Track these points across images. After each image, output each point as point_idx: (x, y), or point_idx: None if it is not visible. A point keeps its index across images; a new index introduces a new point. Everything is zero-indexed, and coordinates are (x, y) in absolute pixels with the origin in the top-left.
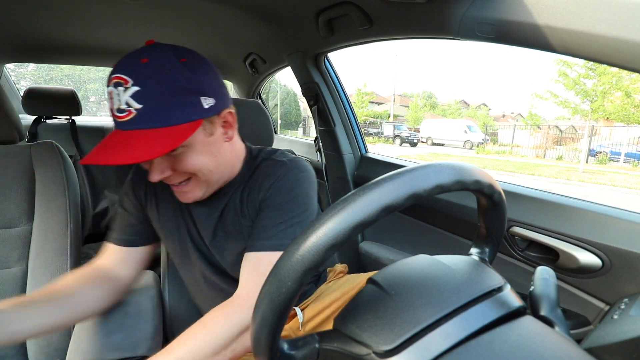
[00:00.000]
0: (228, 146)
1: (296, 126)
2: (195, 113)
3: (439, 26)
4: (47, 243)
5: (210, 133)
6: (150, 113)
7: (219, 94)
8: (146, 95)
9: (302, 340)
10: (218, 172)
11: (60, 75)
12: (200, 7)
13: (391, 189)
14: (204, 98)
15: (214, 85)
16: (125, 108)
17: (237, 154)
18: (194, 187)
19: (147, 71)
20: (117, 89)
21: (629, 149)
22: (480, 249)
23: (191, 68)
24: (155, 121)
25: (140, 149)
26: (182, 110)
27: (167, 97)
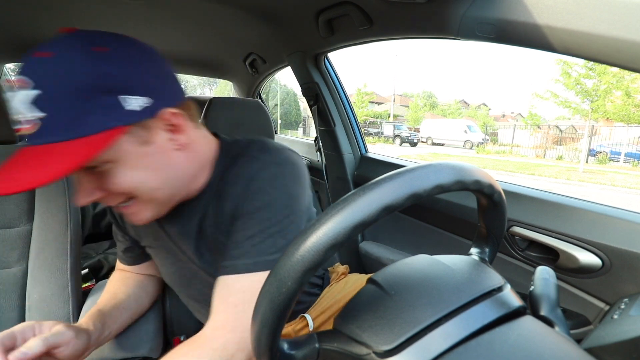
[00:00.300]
0: (181, 155)
1: (296, 126)
2: (115, 118)
3: (439, 26)
4: (47, 243)
5: (144, 141)
6: (55, 122)
7: (156, 90)
8: (48, 99)
9: (302, 340)
10: (168, 187)
11: None
12: (200, 7)
13: (391, 188)
14: (129, 97)
15: (148, 78)
16: (28, 119)
17: (200, 159)
18: (140, 208)
19: (50, 68)
20: (19, 93)
21: (629, 149)
22: (480, 249)
23: (110, 59)
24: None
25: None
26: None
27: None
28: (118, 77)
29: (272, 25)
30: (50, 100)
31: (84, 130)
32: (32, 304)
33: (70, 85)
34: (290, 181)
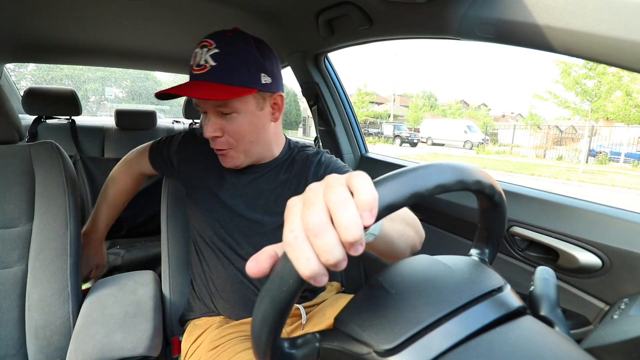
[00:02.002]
0: (272, 126)
1: (296, 126)
2: (254, 83)
3: (439, 26)
4: (47, 243)
5: (260, 107)
6: (220, 71)
7: (276, 77)
8: (222, 57)
9: (302, 339)
10: (258, 144)
11: (60, 75)
12: (200, 7)
13: (393, 188)
14: (264, 75)
15: (274, 70)
16: (203, 63)
17: (277, 138)
18: (234, 154)
19: (229, 41)
20: (202, 49)
21: (629, 149)
22: (480, 250)
23: (260, 51)
24: (222, 78)
25: (204, 91)
26: (245, 77)
27: (236, 63)
28: (263, 62)
29: (272, 25)
30: (223, 58)
31: (236, 82)
32: (32, 304)
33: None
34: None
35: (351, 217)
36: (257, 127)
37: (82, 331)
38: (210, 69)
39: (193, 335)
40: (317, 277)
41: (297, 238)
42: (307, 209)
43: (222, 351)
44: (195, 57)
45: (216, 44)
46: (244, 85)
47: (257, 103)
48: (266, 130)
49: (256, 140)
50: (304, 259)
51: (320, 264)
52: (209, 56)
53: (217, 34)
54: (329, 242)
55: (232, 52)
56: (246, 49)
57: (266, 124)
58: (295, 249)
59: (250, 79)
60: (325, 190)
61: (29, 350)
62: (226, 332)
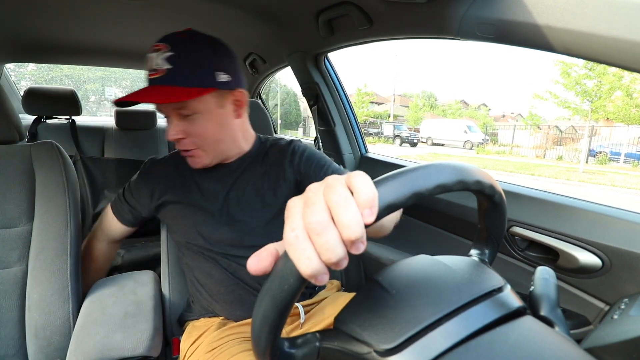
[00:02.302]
0: (237, 123)
1: (296, 126)
2: (210, 82)
3: (439, 26)
4: (47, 243)
5: (221, 105)
6: (175, 73)
7: (234, 74)
8: (176, 59)
9: (303, 339)
10: (224, 142)
11: (60, 75)
12: (201, 7)
13: (393, 188)
14: (220, 73)
15: (231, 66)
16: (157, 67)
17: (245, 134)
18: (201, 154)
19: (182, 42)
20: (155, 53)
21: (629, 149)
22: (480, 250)
23: (215, 49)
24: (178, 80)
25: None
26: (201, 77)
27: (191, 64)
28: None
29: (272, 25)
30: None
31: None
32: (32, 304)
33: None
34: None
35: (352, 216)
36: (220, 126)
37: (82, 331)
38: (165, 72)
39: (192, 336)
40: (319, 276)
41: (298, 237)
42: (307, 208)
43: (220, 353)
44: (149, 62)
45: (170, 46)
46: (201, 85)
47: (217, 102)
48: (230, 127)
49: (221, 138)
50: (305, 257)
51: (322, 263)
52: (163, 59)
53: (170, 36)
54: (331, 241)
55: (186, 53)
56: (200, 48)
57: (229, 122)
58: (297, 248)
59: (206, 78)
60: (326, 190)
61: (29, 350)
62: (224, 333)
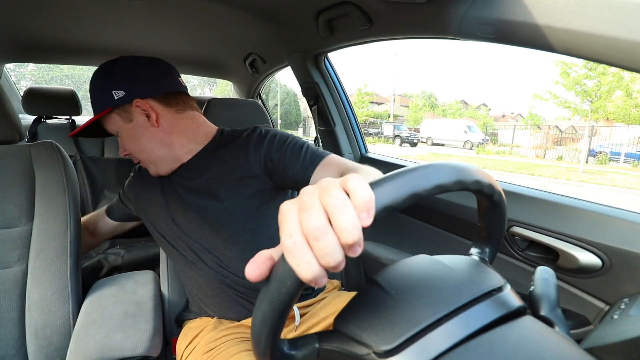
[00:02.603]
0: (157, 131)
1: (296, 126)
2: (107, 103)
3: (439, 26)
4: (47, 243)
5: (128, 120)
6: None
7: (130, 88)
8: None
9: (302, 340)
10: (151, 152)
11: (60, 75)
12: (200, 7)
13: (391, 189)
14: (115, 92)
15: (128, 80)
16: None
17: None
18: (147, 165)
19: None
20: None
21: (629, 149)
22: (480, 249)
23: (112, 70)
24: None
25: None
26: (98, 103)
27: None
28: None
29: (272, 25)
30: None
31: (97, 110)
32: (32, 304)
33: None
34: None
35: (350, 220)
36: (136, 138)
37: (82, 331)
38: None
39: (187, 337)
40: (318, 280)
41: (297, 243)
42: (304, 212)
43: (217, 353)
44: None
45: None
46: (101, 109)
47: (122, 118)
48: (149, 137)
49: (143, 149)
50: (305, 263)
51: (321, 267)
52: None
53: None
54: (330, 246)
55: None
56: (94, 79)
57: (145, 132)
58: (296, 255)
59: (102, 102)
60: (321, 194)
61: (29, 350)
62: (221, 334)
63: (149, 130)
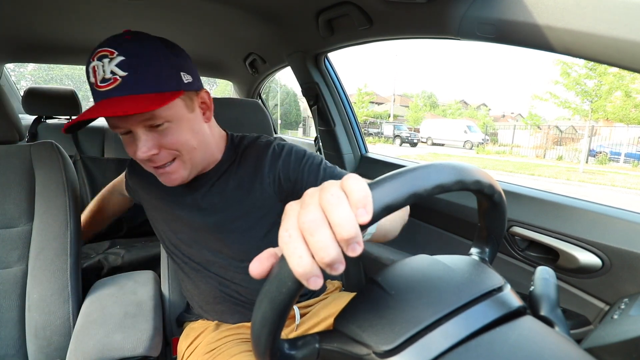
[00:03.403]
0: (207, 127)
1: (296, 126)
2: (177, 84)
3: (439, 26)
4: (47, 243)
5: (191, 109)
6: (135, 80)
7: (195, 75)
8: (131, 63)
9: (302, 340)
10: (200, 150)
11: (60, 75)
12: (200, 7)
13: (391, 188)
14: (184, 74)
15: (191, 66)
16: (110, 77)
17: (217, 139)
18: (179, 167)
19: (132, 44)
20: (101, 61)
21: (629, 149)
22: (480, 249)
23: (169, 47)
24: (140, 88)
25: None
26: (166, 80)
27: (151, 66)
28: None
29: (272, 25)
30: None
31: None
32: (32, 304)
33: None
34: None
35: (345, 215)
36: (195, 132)
37: (82, 331)
38: (121, 80)
39: (189, 337)
40: (310, 278)
41: (292, 236)
42: (302, 209)
43: (218, 354)
44: (94, 72)
45: (118, 50)
46: (168, 89)
47: (186, 106)
48: (203, 133)
49: (198, 145)
50: (297, 256)
51: (314, 263)
52: (115, 66)
53: (114, 39)
54: (323, 240)
55: (142, 55)
56: (155, 48)
57: (201, 127)
58: (289, 247)
59: (172, 80)
60: (320, 193)
61: (29, 350)
62: (222, 334)
63: (203, 127)
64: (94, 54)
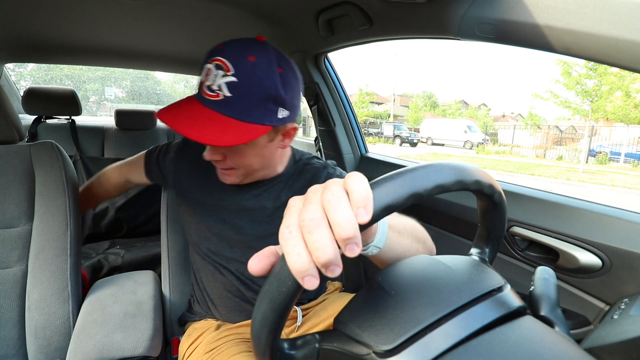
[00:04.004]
0: (280, 152)
1: None
2: (270, 120)
3: (439, 26)
4: (47, 243)
5: (271, 139)
6: (234, 104)
7: (294, 108)
8: (239, 88)
9: (302, 340)
10: (262, 169)
11: (60, 75)
12: (200, 7)
13: (391, 188)
14: (282, 109)
15: (294, 101)
16: (216, 90)
17: (283, 158)
18: (234, 174)
19: (250, 69)
20: (217, 70)
21: (629, 149)
22: (480, 249)
23: (284, 81)
24: (235, 112)
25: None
26: (261, 114)
27: (254, 97)
28: (284, 95)
29: (272, 25)
30: (241, 90)
31: (250, 119)
32: (32, 304)
33: (259, 88)
34: None
35: (344, 214)
36: (264, 157)
37: (82, 331)
38: (223, 99)
39: (191, 337)
40: (306, 276)
41: (292, 233)
42: (304, 206)
43: (219, 353)
44: (207, 74)
45: (234, 70)
46: (259, 122)
47: (268, 136)
48: (271, 157)
49: (260, 167)
50: (295, 253)
51: (311, 262)
52: (224, 83)
53: (237, 56)
54: (322, 239)
55: (252, 85)
56: (268, 79)
57: (274, 152)
58: (288, 244)
59: (267, 116)
60: (323, 191)
61: (29, 350)
62: (223, 334)
63: (276, 151)
64: (215, 56)
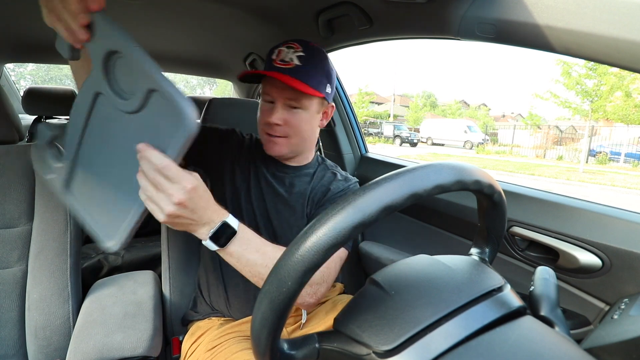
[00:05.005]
0: (317, 130)
1: None
2: (323, 89)
3: (439, 26)
4: (47, 243)
5: (318, 111)
6: (303, 71)
7: (333, 91)
8: (306, 60)
9: (302, 340)
10: (305, 141)
11: (60, 75)
12: (200, 7)
13: (391, 189)
14: (329, 85)
15: (334, 84)
16: (289, 60)
17: (313, 144)
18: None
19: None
20: (288, 49)
21: (629, 149)
22: (480, 249)
23: (331, 65)
24: (303, 77)
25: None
26: (319, 82)
27: (316, 69)
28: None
29: (272, 25)
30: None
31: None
32: (32, 304)
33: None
34: None
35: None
36: (312, 126)
37: (82, 331)
38: (294, 66)
39: (194, 335)
40: None
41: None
42: None
43: (220, 351)
44: (279, 53)
45: (302, 47)
46: (317, 88)
47: (317, 107)
48: (314, 132)
49: (307, 137)
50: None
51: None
52: (295, 56)
53: (302, 40)
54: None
55: (314, 58)
56: (324, 58)
57: (315, 126)
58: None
59: (321, 84)
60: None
61: (29, 350)
62: (224, 332)
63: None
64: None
